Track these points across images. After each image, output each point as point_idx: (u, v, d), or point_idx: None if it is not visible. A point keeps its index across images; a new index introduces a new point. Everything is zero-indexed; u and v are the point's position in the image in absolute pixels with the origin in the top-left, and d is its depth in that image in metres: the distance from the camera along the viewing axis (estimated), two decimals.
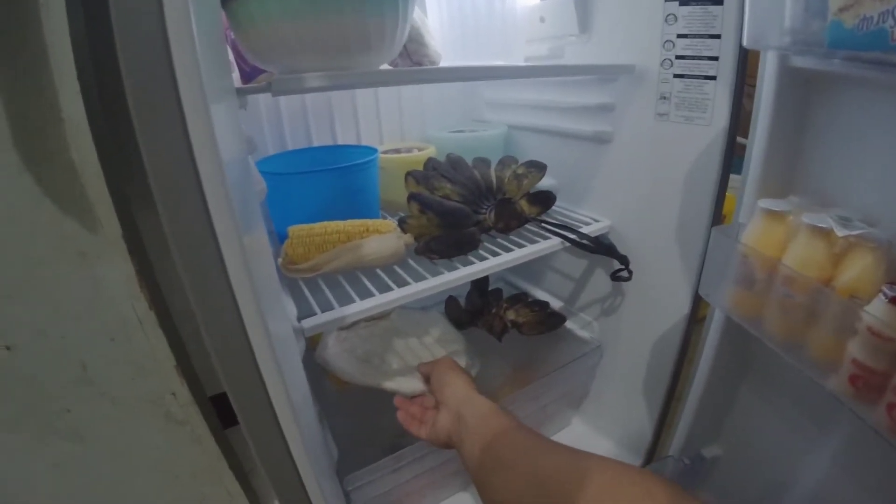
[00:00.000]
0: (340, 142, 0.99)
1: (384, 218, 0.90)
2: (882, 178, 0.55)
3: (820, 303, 0.52)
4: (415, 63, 0.68)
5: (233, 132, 0.46)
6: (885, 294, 0.45)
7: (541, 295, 1.12)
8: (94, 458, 0.79)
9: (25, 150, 0.59)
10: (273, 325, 0.44)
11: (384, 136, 1.04)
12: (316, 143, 0.97)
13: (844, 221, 0.53)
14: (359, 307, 0.65)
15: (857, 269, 0.50)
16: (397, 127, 1.06)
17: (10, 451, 0.75)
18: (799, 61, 0.58)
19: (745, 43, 0.58)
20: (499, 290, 1.06)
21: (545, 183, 0.89)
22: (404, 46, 0.66)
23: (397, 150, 0.96)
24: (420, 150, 0.95)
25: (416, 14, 0.69)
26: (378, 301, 0.66)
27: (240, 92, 0.50)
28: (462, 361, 0.89)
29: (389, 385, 0.80)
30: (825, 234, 0.52)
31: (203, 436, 0.82)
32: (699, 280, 0.77)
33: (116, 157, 0.70)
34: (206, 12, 0.38)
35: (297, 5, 0.50)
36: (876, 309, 0.45)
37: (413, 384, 0.81)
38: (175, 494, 0.86)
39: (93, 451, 0.78)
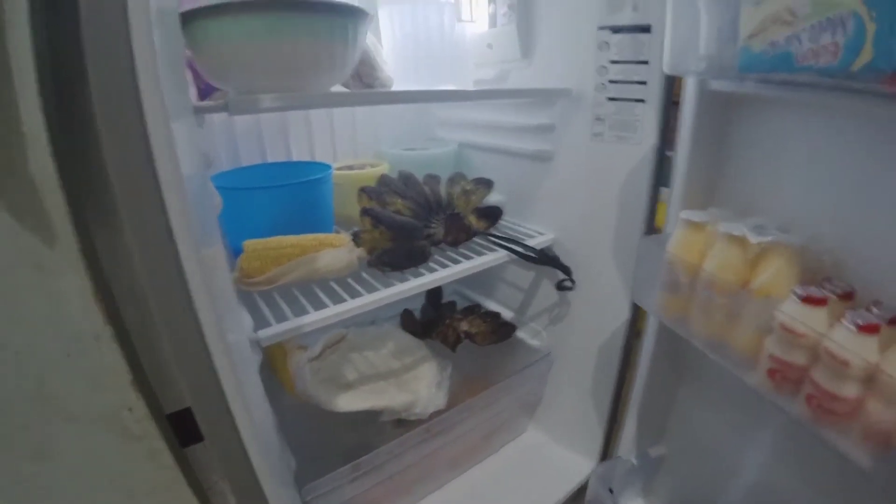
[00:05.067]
0: (295, 158, 1.01)
1: (338, 232, 0.92)
2: (794, 188, 0.61)
3: (738, 303, 0.57)
4: (366, 85, 0.72)
5: (191, 148, 0.48)
6: (795, 294, 0.51)
7: (493, 306, 1.16)
8: (55, 476, 0.76)
9: None
10: (231, 336, 0.46)
11: (338, 152, 1.07)
12: (270, 160, 0.98)
13: (759, 229, 0.58)
14: (313, 317, 0.67)
15: (771, 271, 0.56)
16: (350, 144, 1.09)
17: None
18: (716, 84, 0.64)
19: (665, 69, 0.64)
20: (452, 303, 1.10)
21: (493, 198, 0.94)
22: (356, 69, 0.70)
23: (350, 167, 0.99)
24: (373, 166, 0.99)
25: (370, 39, 0.73)
26: (332, 311, 0.68)
27: (198, 110, 0.52)
28: (432, 365, 0.92)
29: (382, 404, 0.83)
30: (740, 240, 0.58)
31: (160, 451, 0.81)
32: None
33: (74, 171, 0.70)
34: (167, 34, 0.41)
35: (252, 28, 0.53)
36: (788, 307, 0.51)
37: (402, 397, 0.85)
38: None
39: (53, 468, 0.76)
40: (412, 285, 0.74)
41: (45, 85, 0.61)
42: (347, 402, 0.82)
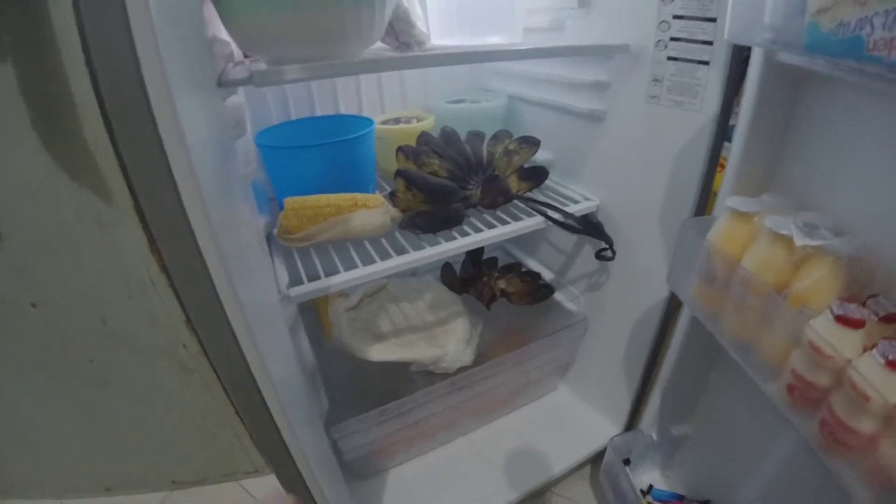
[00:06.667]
0: (343, 111, 1.01)
1: (381, 188, 0.93)
2: (860, 186, 0.54)
3: (771, 308, 0.52)
4: (401, 42, 0.69)
5: (207, 120, 0.49)
6: (831, 311, 0.45)
7: (535, 265, 1.15)
8: (117, 400, 0.89)
9: (43, 131, 0.65)
10: (247, 294, 0.49)
11: (386, 104, 1.06)
12: (319, 113, 0.99)
13: (809, 229, 0.52)
14: (343, 277, 0.70)
15: (811, 280, 0.50)
16: (399, 95, 1.07)
17: (39, 394, 0.86)
18: (785, 57, 0.56)
19: (727, 37, 0.57)
20: (494, 259, 1.10)
21: (541, 156, 0.90)
22: (391, 25, 0.67)
23: (397, 120, 0.98)
24: (419, 119, 0.97)
25: None
26: (361, 272, 0.71)
27: (222, 83, 0.53)
28: (464, 322, 0.94)
29: (411, 356, 0.87)
30: (785, 240, 0.52)
31: (212, 383, 0.92)
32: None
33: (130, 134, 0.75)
34: (177, 10, 0.42)
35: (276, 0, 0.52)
36: (820, 324, 0.46)
37: (431, 351, 0.89)
38: (188, 432, 0.96)
39: (115, 394, 0.88)
40: (443, 249, 0.75)
41: (93, 57, 0.65)
42: (378, 353, 0.87)
